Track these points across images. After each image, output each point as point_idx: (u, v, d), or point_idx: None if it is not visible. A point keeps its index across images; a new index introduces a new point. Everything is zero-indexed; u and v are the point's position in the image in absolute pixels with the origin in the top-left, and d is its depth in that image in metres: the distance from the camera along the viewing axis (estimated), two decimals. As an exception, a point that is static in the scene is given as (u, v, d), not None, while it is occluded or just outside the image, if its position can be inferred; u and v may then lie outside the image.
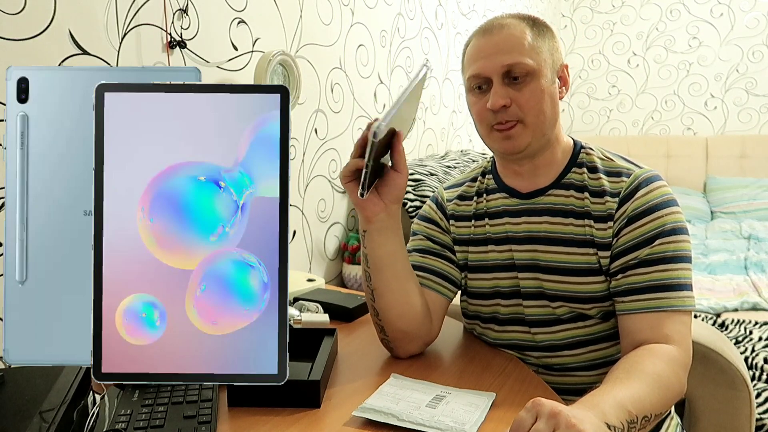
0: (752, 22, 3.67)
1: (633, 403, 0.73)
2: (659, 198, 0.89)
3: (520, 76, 0.90)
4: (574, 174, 0.95)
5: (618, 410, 0.70)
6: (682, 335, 0.85)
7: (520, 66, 0.89)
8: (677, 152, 3.80)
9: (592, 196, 0.92)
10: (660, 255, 0.87)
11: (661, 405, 0.78)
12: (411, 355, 0.94)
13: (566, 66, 0.97)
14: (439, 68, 2.67)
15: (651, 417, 0.76)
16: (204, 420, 0.68)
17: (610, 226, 0.90)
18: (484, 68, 0.91)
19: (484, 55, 0.91)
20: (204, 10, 1.47)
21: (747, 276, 2.41)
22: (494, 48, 0.91)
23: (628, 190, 0.90)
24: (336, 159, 2.01)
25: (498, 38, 0.91)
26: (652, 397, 0.76)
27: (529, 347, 0.96)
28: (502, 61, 0.89)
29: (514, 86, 0.90)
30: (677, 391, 0.82)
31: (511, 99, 0.90)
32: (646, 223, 0.88)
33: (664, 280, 0.86)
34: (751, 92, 3.71)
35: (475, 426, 0.70)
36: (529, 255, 0.95)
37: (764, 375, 1.56)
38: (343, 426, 0.72)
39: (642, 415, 0.74)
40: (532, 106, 0.90)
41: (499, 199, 1.00)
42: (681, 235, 0.88)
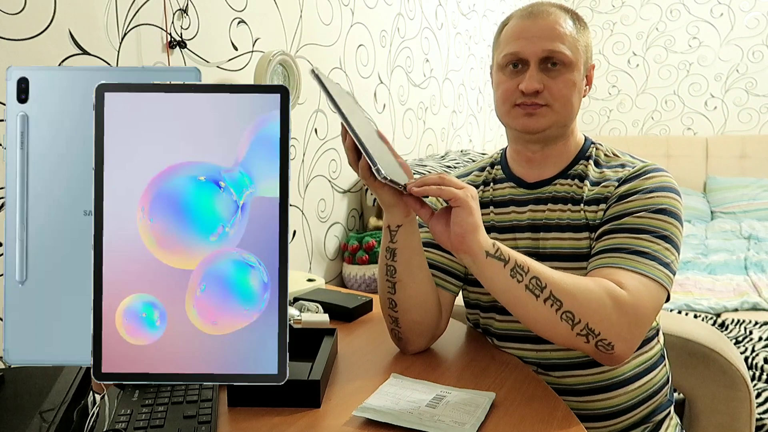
0: (752, 22, 3.67)
1: (521, 254, 0.79)
2: (658, 183, 0.89)
3: (558, 65, 0.92)
4: (580, 166, 0.97)
5: (503, 243, 0.79)
6: (638, 292, 0.80)
7: (560, 55, 0.91)
8: (677, 152, 3.80)
9: (591, 184, 0.94)
10: (641, 226, 0.85)
11: (566, 294, 0.77)
12: (418, 351, 0.94)
13: (593, 66, 0.99)
14: (439, 68, 2.67)
15: (543, 285, 0.77)
16: (204, 420, 0.68)
17: (602, 208, 0.91)
18: (523, 49, 0.92)
19: (527, 36, 0.93)
20: (204, 10, 1.47)
21: (747, 276, 2.41)
22: (538, 31, 0.92)
23: (630, 175, 0.91)
24: (336, 159, 2.01)
25: (543, 23, 0.93)
26: (553, 274, 0.79)
27: (530, 339, 0.96)
28: (544, 46, 0.91)
29: (549, 73, 0.92)
30: (594, 311, 0.77)
31: (545, 85, 0.91)
32: (636, 200, 0.88)
33: (640, 247, 0.84)
34: (751, 92, 3.71)
35: (475, 426, 0.70)
36: (530, 243, 0.95)
37: (764, 375, 1.56)
38: (343, 426, 0.72)
39: (527, 267, 0.78)
40: (563, 95, 0.92)
41: (506, 188, 1.01)
42: (670, 217, 0.86)
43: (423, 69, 2.54)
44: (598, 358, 0.82)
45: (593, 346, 0.79)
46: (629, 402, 0.94)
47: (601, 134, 4.12)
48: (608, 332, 0.78)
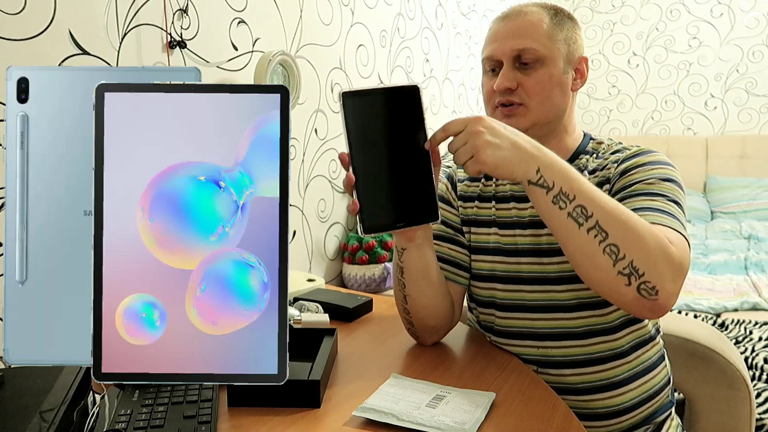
0: (752, 22, 3.67)
1: (573, 176, 0.76)
2: (658, 159, 0.90)
3: (530, 62, 0.92)
4: (579, 161, 0.97)
5: (553, 168, 0.75)
6: (681, 245, 0.76)
7: (530, 51, 0.92)
8: (677, 152, 3.80)
9: (591, 174, 0.94)
10: (655, 191, 0.85)
11: (614, 225, 0.73)
12: (434, 342, 0.98)
13: (585, 59, 0.98)
14: (439, 68, 2.67)
15: (589, 213, 0.73)
16: (204, 420, 0.68)
17: (606, 189, 0.91)
18: (495, 51, 0.95)
19: (498, 39, 0.95)
20: (204, 10, 1.47)
21: (747, 276, 2.41)
22: (508, 32, 0.94)
23: (629, 155, 0.92)
24: (336, 159, 2.01)
25: (513, 24, 0.94)
26: (605, 203, 0.74)
27: (532, 335, 0.96)
28: (513, 46, 0.93)
29: (523, 71, 0.93)
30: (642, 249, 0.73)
31: (518, 83, 0.92)
32: (642, 171, 0.88)
33: (660, 207, 0.82)
34: (751, 92, 3.71)
35: (475, 426, 0.70)
36: (533, 239, 0.95)
37: (764, 375, 1.56)
38: (343, 426, 0.72)
39: (573, 195, 0.74)
40: (538, 92, 0.92)
41: (507, 184, 1.01)
42: (678, 187, 0.86)
43: (423, 69, 2.54)
44: (638, 309, 0.76)
45: (635, 289, 0.74)
46: (630, 402, 0.94)
47: (600, 134, 4.11)
48: (654, 275, 0.73)
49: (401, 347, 0.97)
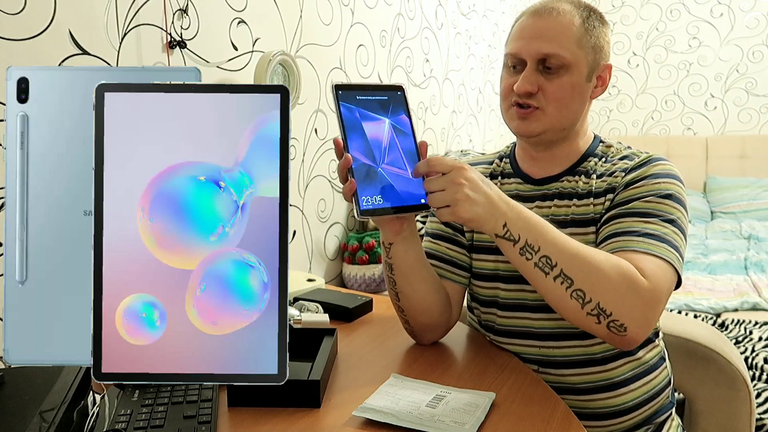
0: (752, 22, 3.67)
1: (538, 228, 0.78)
2: (664, 170, 0.89)
3: (554, 67, 0.90)
4: (588, 163, 0.97)
5: (518, 222, 0.78)
6: (653, 273, 0.78)
7: (557, 58, 0.90)
8: (677, 152, 3.80)
9: (598, 178, 0.94)
10: (649, 210, 0.85)
11: (577, 272, 0.76)
12: (432, 342, 0.98)
13: (609, 67, 0.96)
14: (439, 68, 2.67)
15: (554, 263, 0.77)
16: (204, 420, 0.68)
17: (609, 198, 0.91)
18: (521, 50, 0.92)
19: (526, 37, 0.92)
20: (204, 10, 1.47)
21: (747, 276, 2.41)
22: (537, 32, 0.91)
23: (637, 164, 0.91)
24: (336, 159, 2.01)
25: (544, 23, 0.91)
26: (567, 250, 0.77)
27: (533, 335, 0.96)
28: (539, 48, 0.90)
29: (546, 75, 0.91)
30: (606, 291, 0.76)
31: (539, 86, 0.91)
32: (643, 185, 0.88)
33: (649, 230, 0.83)
34: (751, 92, 3.71)
35: (475, 426, 0.70)
36: None
37: (764, 375, 1.56)
38: (343, 426, 0.72)
39: (538, 246, 0.77)
40: (557, 99, 0.91)
41: (513, 184, 1.01)
42: (676, 203, 0.86)
43: (423, 69, 2.54)
44: (611, 342, 0.81)
45: (605, 327, 0.78)
46: (630, 402, 0.94)
47: (600, 134, 4.12)
48: (621, 313, 0.77)
49: (401, 347, 0.97)
